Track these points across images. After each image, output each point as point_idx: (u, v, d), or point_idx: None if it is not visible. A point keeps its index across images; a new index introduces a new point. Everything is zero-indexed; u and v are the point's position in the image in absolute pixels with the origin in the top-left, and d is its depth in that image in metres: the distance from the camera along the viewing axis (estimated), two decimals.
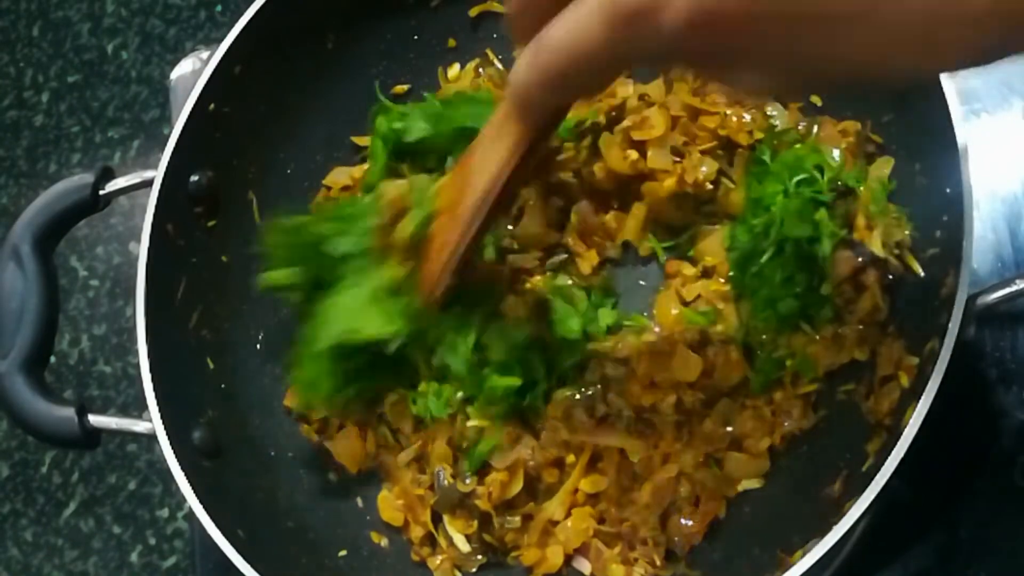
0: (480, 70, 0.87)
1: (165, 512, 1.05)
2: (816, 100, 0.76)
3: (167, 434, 0.72)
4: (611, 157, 0.78)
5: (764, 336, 0.72)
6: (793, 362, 0.71)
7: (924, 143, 0.69)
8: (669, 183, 0.77)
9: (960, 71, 0.38)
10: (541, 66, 0.42)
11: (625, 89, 0.80)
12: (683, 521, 0.71)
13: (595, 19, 0.39)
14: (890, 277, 0.70)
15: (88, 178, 0.80)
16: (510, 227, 0.79)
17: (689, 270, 0.77)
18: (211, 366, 0.81)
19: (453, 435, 0.76)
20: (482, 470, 0.75)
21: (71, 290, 1.15)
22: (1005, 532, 0.73)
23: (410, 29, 0.87)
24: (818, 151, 0.72)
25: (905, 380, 0.66)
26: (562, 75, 0.42)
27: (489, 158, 0.53)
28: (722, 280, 0.75)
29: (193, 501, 0.70)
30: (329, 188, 0.87)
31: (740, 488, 0.72)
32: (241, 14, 0.80)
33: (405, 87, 0.88)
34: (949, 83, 0.65)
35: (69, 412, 0.75)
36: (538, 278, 0.79)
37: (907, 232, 0.70)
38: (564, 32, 0.40)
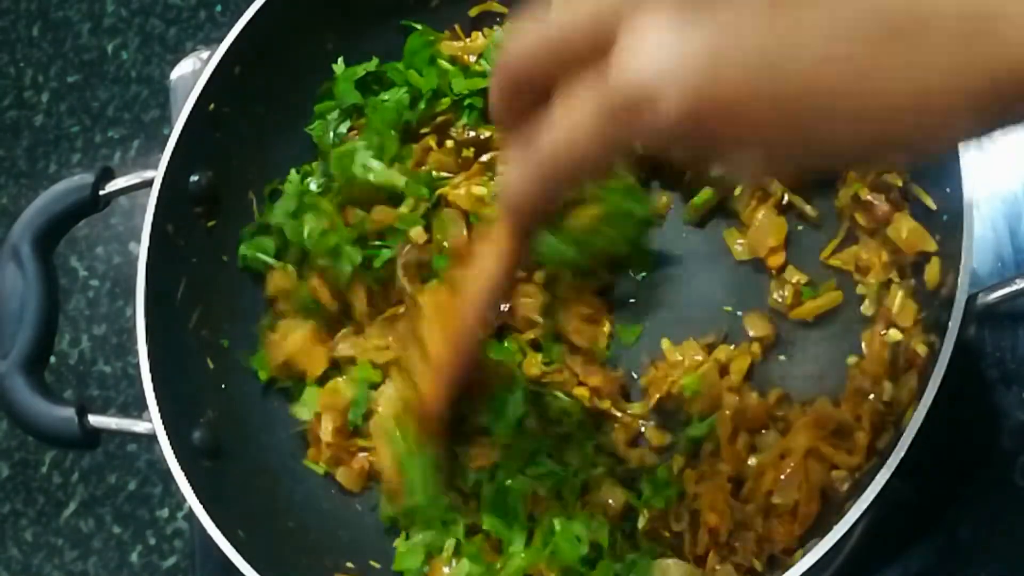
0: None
1: (165, 512, 1.05)
2: None
3: (167, 434, 0.72)
4: None
5: None
6: None
7: None
8: None
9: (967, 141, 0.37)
10: (541, 177, 0.42)
11: None
12: (780, 527, 0.67)
13: (590, 119, 0.39)
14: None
15: (88, 178, 0.80)
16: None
17: None
18: (211, 366, 0.81)
19: None
20: None
21: (71, 290, 1.14)
22: (1005, 532, 0.73)
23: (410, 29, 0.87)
24: None
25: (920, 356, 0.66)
26: (560, 180, 0.42)
27: (484, 266, 0.53)
28: None
29: (193, 501, 0.70)
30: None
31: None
32: (241, 14, 0.80)
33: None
34: None
35: (69, 412, 0.75)
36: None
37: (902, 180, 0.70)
38: (561, 139, 0.40)
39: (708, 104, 0.36)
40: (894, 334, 0.70)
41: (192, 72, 1.01)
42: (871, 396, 0.68)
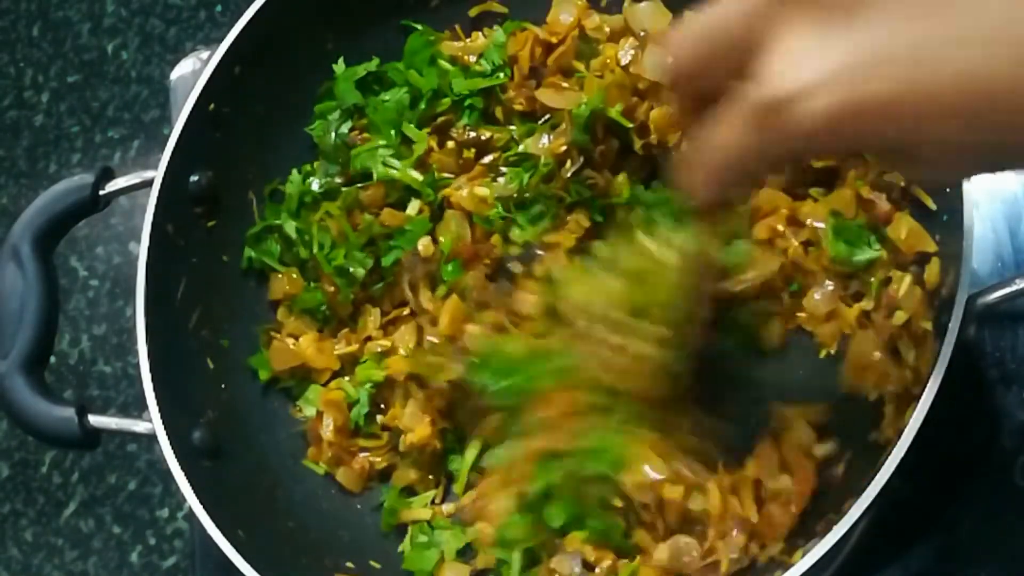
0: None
1: (165, 512, 1.05)
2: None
3: (167, 434, 0.72)
4: None
5: None
6: None
7: None
8: None
9: None
10: (704, 181, 0.46)
11: None
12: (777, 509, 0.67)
13: (740, 129, 0.41)
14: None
15: (88, 178, 0.80)
16: None
17: None
18: (211, 366, 0.81)
19: None
20: None
21: (71, 290, 1.15)
22: (1005, 532, 0.73)
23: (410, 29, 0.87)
24: None
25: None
26: (720, 174, 0.45)
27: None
28: None
29: (193, 501, 0.70)
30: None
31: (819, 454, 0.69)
32: (241, 14, 0.80)
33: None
34: None
35: (69, 412, 0.75)
36: None
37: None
38: (717, 148, 0.43)
39: (857, 106, 0.37)
40: (900, 316, 0.69)
41: (192, 72, 1.01)
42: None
